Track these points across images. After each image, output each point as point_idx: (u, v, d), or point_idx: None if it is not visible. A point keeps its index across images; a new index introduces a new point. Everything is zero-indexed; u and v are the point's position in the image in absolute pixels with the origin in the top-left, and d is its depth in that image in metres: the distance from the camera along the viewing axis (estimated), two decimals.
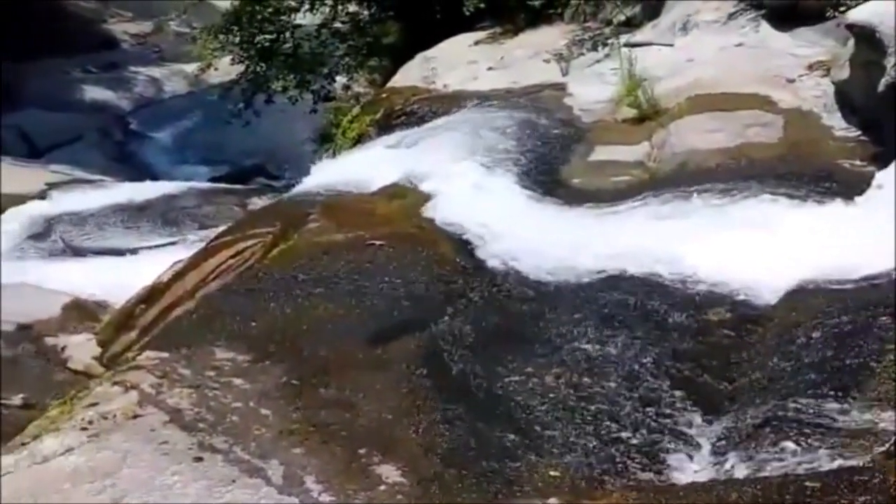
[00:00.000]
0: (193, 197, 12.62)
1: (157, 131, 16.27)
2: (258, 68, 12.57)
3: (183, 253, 10.61)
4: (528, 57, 9.75)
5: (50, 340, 8.25)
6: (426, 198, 6.90)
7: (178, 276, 7.69)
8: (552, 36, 9.97)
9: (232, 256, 7.31)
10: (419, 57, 10.42)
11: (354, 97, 13.51)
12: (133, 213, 12.01)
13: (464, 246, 6.04)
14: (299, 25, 12.83)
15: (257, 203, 12.47)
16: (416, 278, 5.62)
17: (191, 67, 17.09)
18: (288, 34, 12.59)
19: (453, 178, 7.13)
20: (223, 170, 15.18)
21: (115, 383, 4.92)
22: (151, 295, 7.82)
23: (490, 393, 4.70)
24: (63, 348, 8.09)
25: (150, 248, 10.80)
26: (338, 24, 13.13)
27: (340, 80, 13.45)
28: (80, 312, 8.78)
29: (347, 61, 13.15)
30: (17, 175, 13.55)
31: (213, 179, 14.59)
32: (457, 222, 6.35)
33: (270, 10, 12.43)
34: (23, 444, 4.57)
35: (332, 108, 13.86)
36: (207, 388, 4.77)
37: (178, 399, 4.70)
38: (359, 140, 9.71)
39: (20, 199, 12.37)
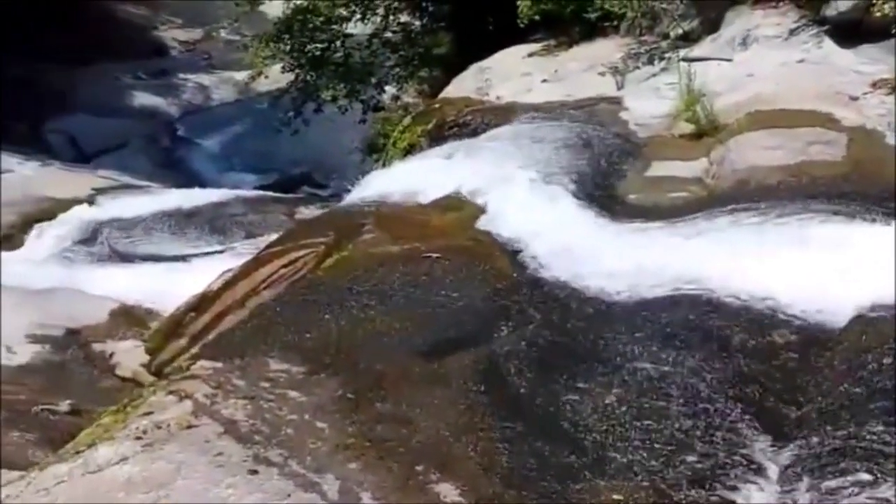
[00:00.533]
0: (241, 205, 12.61)
1: (204, 138, 16.28)
2: (308, 77, 12.52)
3: (231, 261, 10.56)
4: (583, 70, 9.65)
5: (97, 346, 8.24)
6: (481, 210, 6.82)
7: (229, 284, 7.64)
8: (607, 49, 9.86)
9: (284, 266, 7.24)
10: (473, 68, 10.35)
11: (403, 107, 13.46)
12: (180, 220, 12.02)
13: (520, 261, 5.95)
14: (350, 35, 12.79)
15: (305, 212, 12.44)
16: (472, 292, 5.54)
17: (240, 75, 17.09)
18: (339, 43, 12.54)
19: (508, 191, 7.04)
20: (270, 178, 15.16)
21: (170, 392, 4.87)
22: (201, 303, 7.78)
23: (549, 411, 4.60)
24: (111, 355, 8.09)
25: (197, 255, 10.79)
26: (389, 34, 13.06)
27: (389, 90, 13.39)
28: (128, 318, 8.78)
29: (398, 71, 13.10)
30: (66, 180, 13.60)
31: (260, 188, 14.57)
32: (513, 236, 6.26)
33: (322, 19, 12.40)
34: (77, 453, 4.53)
35: (381, 118, 13.82)
36: (262, 399, 4.70)
37: (232, 410, 4.64)
38: (409, 150, 9.63)
39: (68, 204, 12.42)
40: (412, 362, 4.95)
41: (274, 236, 11.42)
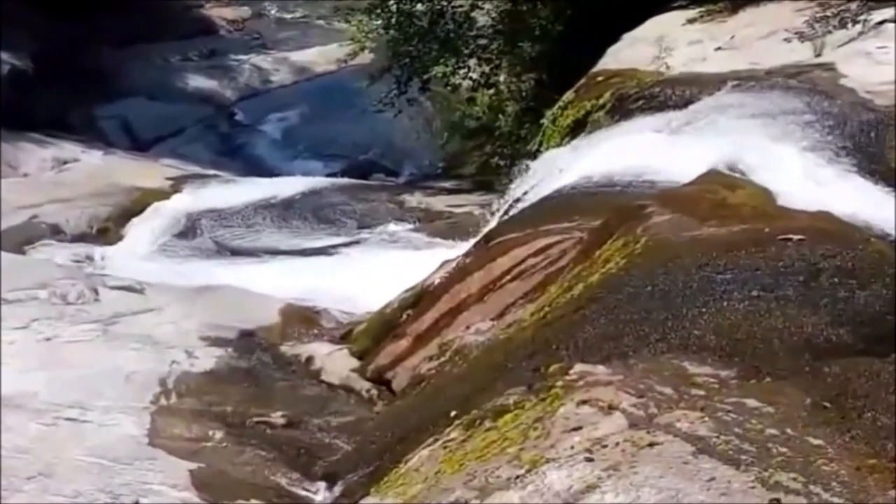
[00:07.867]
0: (338, 193, 11.88)
1: (264, 123, 15.39)
2: (415, 51, 11.66)
3: (370, 252, 9.85)
4: (763, 36, 8.94)
5: (286, 350, 7.41)
6: (765, 188, 6.12)
7: (455, 277, 6.88)
8: (783, 13, 9.14)
9: (531, 255, 6.50)
10: (626, 38, 9.61)
11: (494, 85, 12.67)
12: (280, 211, 11.26)
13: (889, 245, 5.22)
14: (459, 6, 11.94)
15: (410, 200, 11.66)
16: (867, 281, 4.79)
17: (296, 55, 16.23)
18: (448, 17, 11.69)
19: (779, 167, 6.38)
20: (338, 164, 14.33)
21: (582, 402, 4.10)
22: (420, 299, 7.01)
23: None
24: (307, 359, 7.25)
25: (329, 247, 9.99)
26: (487, 6, 12.22)
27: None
28: (301, 319, 7.95)
29: (497, 45, 12.24)
30: (135, 169, 12.73)
31: (328, 175, 13.78)
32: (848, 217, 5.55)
33: None
34: (517, 478, 3.76)
35: (470, 97, 13.02)
36: (717, 410, 3.95)
37: (687, 423, 3.87)
38: (576, 128, 8.86)
39: (153, 195, 11.60)
40: (859, 363, 4.22)
41: (395, 226, 10.74)
